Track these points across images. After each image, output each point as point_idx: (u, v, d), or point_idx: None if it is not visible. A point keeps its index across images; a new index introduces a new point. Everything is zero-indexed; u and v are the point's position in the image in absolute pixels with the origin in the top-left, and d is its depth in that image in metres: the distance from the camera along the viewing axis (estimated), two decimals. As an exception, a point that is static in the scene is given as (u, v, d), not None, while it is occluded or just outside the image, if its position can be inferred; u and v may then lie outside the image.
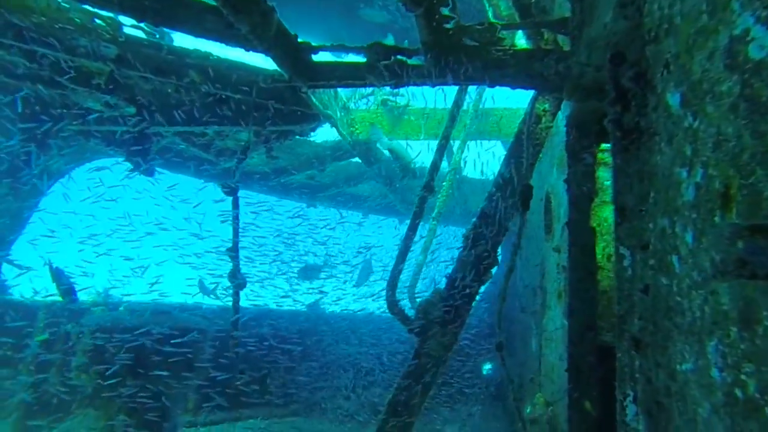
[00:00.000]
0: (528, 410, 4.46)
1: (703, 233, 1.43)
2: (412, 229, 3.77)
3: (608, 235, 4.22)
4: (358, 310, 8.75)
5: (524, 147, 3.51)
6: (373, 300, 9.70)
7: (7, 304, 6.09)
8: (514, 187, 3.75)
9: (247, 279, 3.89)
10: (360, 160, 7.73)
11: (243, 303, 4.85)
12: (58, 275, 6.14)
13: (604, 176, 4.15)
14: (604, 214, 4.33)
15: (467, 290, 3.70)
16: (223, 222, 4.33)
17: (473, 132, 5.71)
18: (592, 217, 3.69)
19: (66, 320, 5.86)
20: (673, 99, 1.59)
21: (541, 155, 4.29)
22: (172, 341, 4.50)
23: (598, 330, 3.29)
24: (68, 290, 6.14)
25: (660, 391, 1.78)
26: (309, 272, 10.70)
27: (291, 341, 7.86)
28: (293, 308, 8.95)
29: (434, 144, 5.80)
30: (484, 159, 8.92)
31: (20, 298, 6.34)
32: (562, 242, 4.35)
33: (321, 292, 9.87)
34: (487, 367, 9.65)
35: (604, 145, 4.00)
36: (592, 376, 3.23)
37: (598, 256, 3.67)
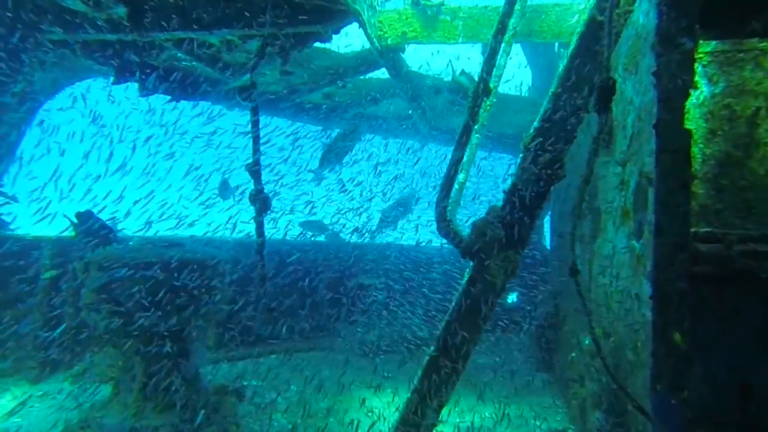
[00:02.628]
0: (587, 342, 4.06)
1: None
2: (463, 142, 3.20)
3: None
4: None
5: (603, 35, 2.86)
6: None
7: (7, 240, 5.67)
8: (582, 83, 3.13)
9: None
10: (377, 77, 7.03)
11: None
12: (86, 219, 4.78)
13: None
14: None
15: (529, 206, 3.18)
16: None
17: (521, 32, 4.95)
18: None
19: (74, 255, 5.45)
20: None
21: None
22: (186, 275, 4.07)
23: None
24: (105, 236, 4.73)
25: None
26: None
27: (313, 272, 7.51)
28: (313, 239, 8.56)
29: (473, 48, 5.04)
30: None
31: (22, 234, 5.92)
32: (629, 155, 3.77)
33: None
34: (512, 296, 9.34)
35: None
36: (684, 305, 2.77)
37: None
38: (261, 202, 3.32)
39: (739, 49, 4.02)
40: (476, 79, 3.34)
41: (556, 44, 8.27)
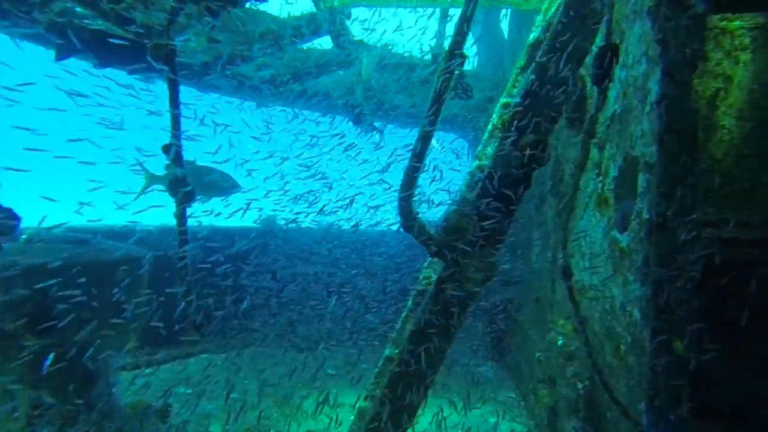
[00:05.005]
0: (560, 341, 3.70)
1: None
2: (433, 118, 2.67)
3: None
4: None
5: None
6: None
7: None
8: (572, 52, 2.68)
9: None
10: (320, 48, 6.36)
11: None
12: None
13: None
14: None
15: (508, 196, 2.72)
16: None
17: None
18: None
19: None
20: None
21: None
22: (90, 280, 3.31)
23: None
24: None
25: None
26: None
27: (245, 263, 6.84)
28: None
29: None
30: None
31: None
32: (608, 136, 3.40)
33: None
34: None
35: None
36: (688, 309, 2.42)
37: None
38: (181, 189, 2.67)
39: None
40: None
41: (505, 13, 7.87)
